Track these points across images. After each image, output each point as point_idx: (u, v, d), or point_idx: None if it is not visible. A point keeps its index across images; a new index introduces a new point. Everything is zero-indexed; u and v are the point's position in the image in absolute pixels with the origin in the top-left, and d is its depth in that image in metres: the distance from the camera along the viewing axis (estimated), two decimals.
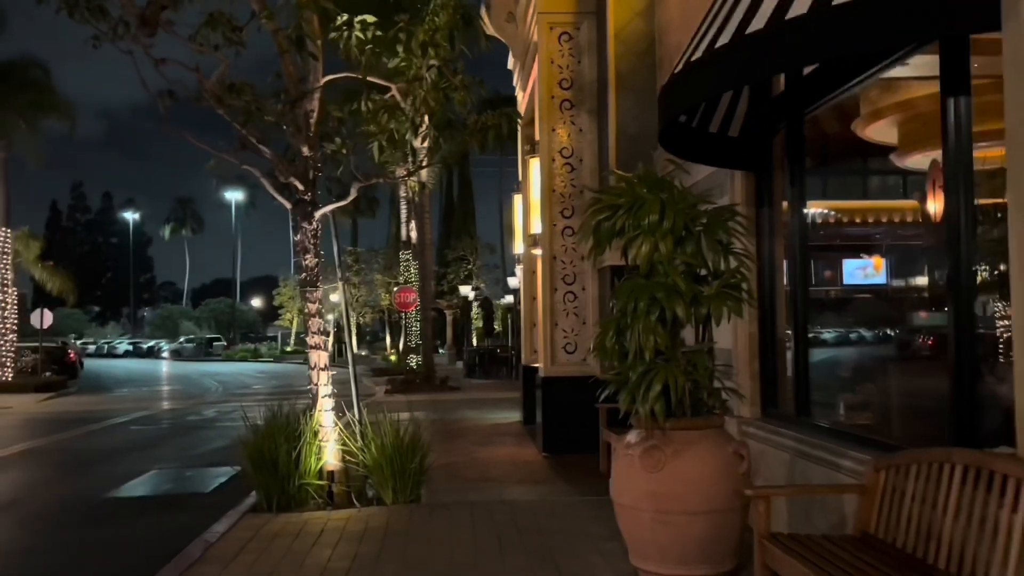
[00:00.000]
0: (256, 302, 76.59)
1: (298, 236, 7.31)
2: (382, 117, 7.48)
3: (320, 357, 7.24)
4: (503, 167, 43.70)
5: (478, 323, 40.96)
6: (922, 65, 6.88)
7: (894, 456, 3.93)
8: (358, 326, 54.40)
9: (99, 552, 6.45)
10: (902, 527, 3.72)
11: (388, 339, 47.45)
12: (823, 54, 3.71)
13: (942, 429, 4.56)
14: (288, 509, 6.89)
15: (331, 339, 50.98)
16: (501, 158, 42.20)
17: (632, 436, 4.58)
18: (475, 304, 40.74)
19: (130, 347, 67.87)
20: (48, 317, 27.55)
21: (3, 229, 26.03)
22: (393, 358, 36.85)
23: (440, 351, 45.22)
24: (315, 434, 7.11)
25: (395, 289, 27.39)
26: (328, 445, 7.12)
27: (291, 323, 55.51)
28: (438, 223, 51.12)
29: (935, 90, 7.09)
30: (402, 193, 30.28)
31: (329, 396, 7.22)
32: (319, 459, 7.08)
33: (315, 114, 7.21)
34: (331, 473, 7.10)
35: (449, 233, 47.81)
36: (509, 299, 35.77)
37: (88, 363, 49.78)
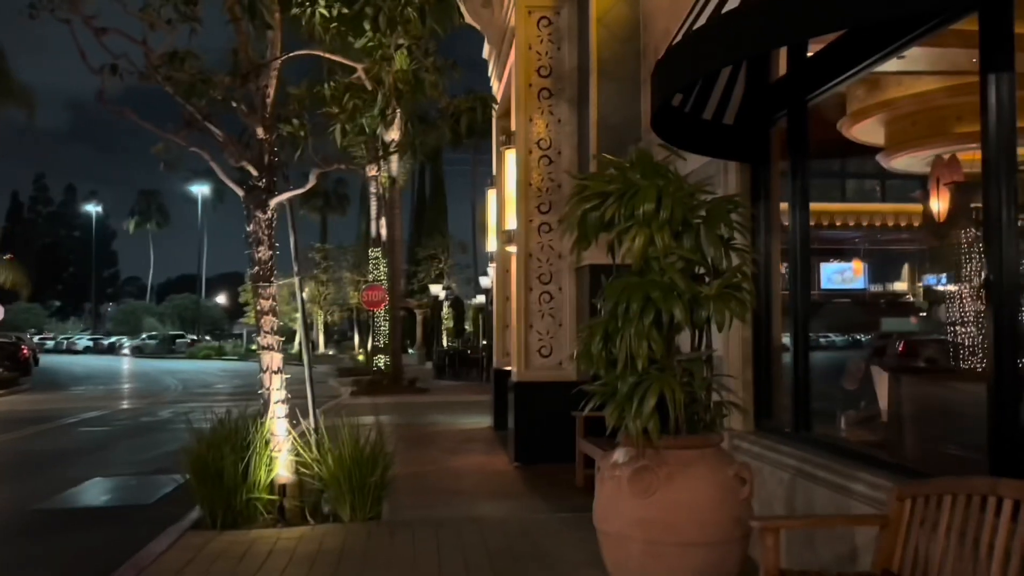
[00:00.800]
0: (221, 299, 75.15)
1: (251, 226, 6.67)
2: (346, 99, 6.90)
3: (273, 359, 6.61)
4: (476, 165, 43.11)
5: (449, 323, 40.27)
6: (918, 59, 6.45)
7: (923, 484, 3.43)
8: (326, 325, 53.45)
9: (17, 574, 5.78)
10: (934, 568, 3.21)
11: (357, 338, 46.60)
12: (858, 17, 3.17)
13: (968, 448, 4.09)
14: (235, 526, 6.26)
15: (299, 338, 50.12)
16: (474, 155, 41.63)
17: (619, 455, 4.04)
18: (446, 304, 40.04)
19: (90, 343, 66.21)
20: None
21: None
22: (361, 358, 36.05)
23: (410, 351, 44.47)
24: (266, 443, 6.49)
25: (363, 287, 26.68)
26: (280, 455, 6.50)
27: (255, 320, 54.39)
28: (409, 221, 50.38)
29: (927, 87, 6.68)
30: (372, 189, 29.61)
31: (282, 402, 6.60)
32: (270, 471, 6.46)
33: (271, 92, 6.58)
34: (283, 486, 6.48)
35: (420, 231, 47.13)
36: (481, 299, 35.15)
37: (46, 359, 48.33)
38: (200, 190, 63.14)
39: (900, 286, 16.72)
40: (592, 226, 4.06)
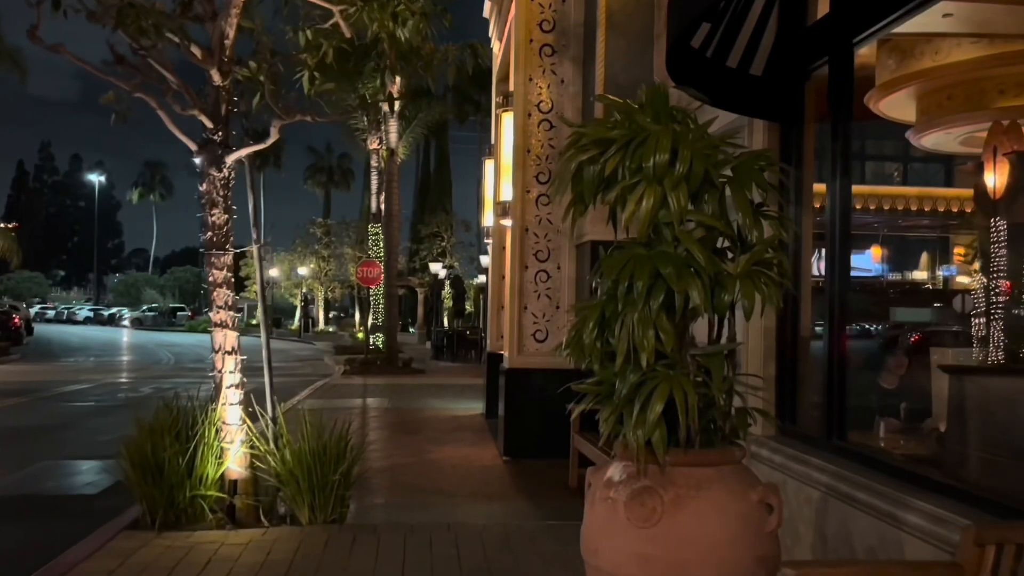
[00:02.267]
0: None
1: (204, 186, 5.85)
2: (325, 47, 6.08)
3: (226, 337, 5.80)
4: (482, 143, 42.02)
5: (449, 303, 39.45)
6: (966, 21, 5.57)
7: (1012, 525, 2.61)
8: (327, 302, 52.66)
9: None
10: None
11: (357, 316, 45.86)
12: None
13: None
14: (177, 527, 5.49)
15: (299, 314, 49.44)
16: (480, 132, 40.54)
17: (615, 471, 3.21)
18: (447, 282, 39.21)
19: (90, 314, 65.66)
20: None
21: None
22: (361, 336, 35.31)
23: (411, 330, 43.69)
24: (217, 433, 5.71)
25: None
26: (232, 447, 5.71)
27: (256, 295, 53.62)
28: (413, 198, 49.44)
29: (967, 56, 5.82)
30: (373, 162, 28.80)
31: (236, 386, 5.80)
32: (220, 464, 5.68)
33: (231, 32, 5.73)
34: (234, 483, 5.70)
35: (424, 208, 46.22)
36: (482, 279, 34.32)
37: (44, 329, 47.85)
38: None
39: (919, 274, 15.84)
40: (589, 184, 3.22)
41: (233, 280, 5.92)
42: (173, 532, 5.40)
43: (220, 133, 5.79)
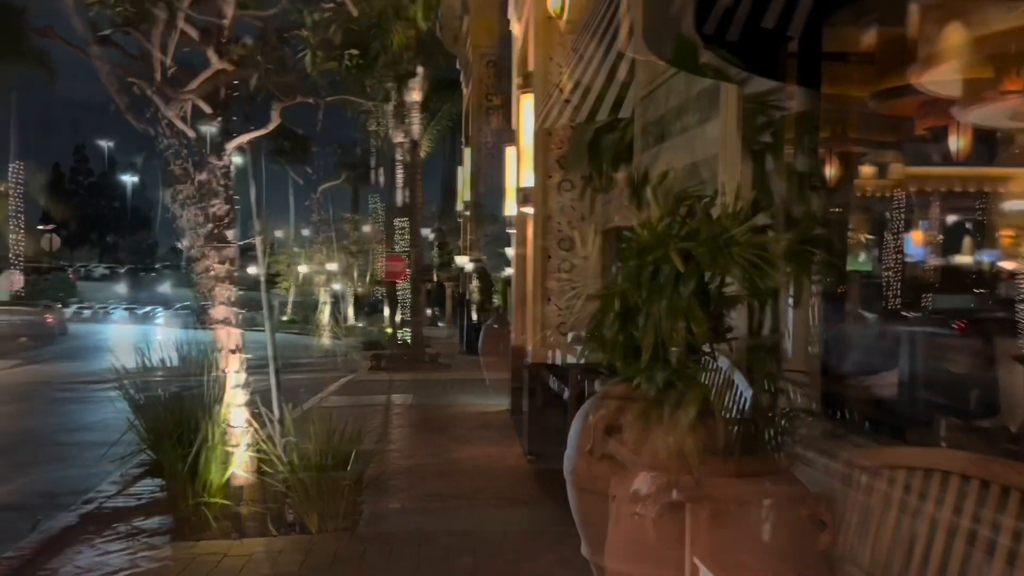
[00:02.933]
0: (253, 269, 74.81)
1: (204, 175, 5.53)
2: (332, 30, 5.74)
3: (229, 335, 5.50)
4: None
5: (476, 296, 39.07)
6: None
7: None
8: (356, 297, 52.57)
9: None
10: None
11: (387, 311, 45.74)
12: None
13: None
14: (180, 536, 5.19)
15: (327, 310, 49.45)
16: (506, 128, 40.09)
17: (642, 482, 2.82)
18: (474, 276, 38.83)
19: (125, 313, 66.39)
20: (18, 280, 25.99)
21: None
22: (388, 331, 35.13)
23: (440, 324, 43.43)
24: (222, 436, 5.40)
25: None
26: (238, 451, 5.40)
27: (287, 291, 53.68)
28: (440, 192, 49.14)
29: (1018, 23, 5.32)
30: (398, 156, 28.56)
31: (241, 387, 5.48)
32: (225, 469, 5.37)
33: (229, 10, 5.39)
34: (240, 489, 5.39)
35: (452, 202, 45.90)
36: (510, 271, 33.93)
37: (79, 328, 48.23)
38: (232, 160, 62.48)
39: (962, 259, 15.19)
40: (608, 151, 2.82)
41: (236, 275, 5.61)
42: (176, 542, 5.10)
43: (219, 119, 5.47)
